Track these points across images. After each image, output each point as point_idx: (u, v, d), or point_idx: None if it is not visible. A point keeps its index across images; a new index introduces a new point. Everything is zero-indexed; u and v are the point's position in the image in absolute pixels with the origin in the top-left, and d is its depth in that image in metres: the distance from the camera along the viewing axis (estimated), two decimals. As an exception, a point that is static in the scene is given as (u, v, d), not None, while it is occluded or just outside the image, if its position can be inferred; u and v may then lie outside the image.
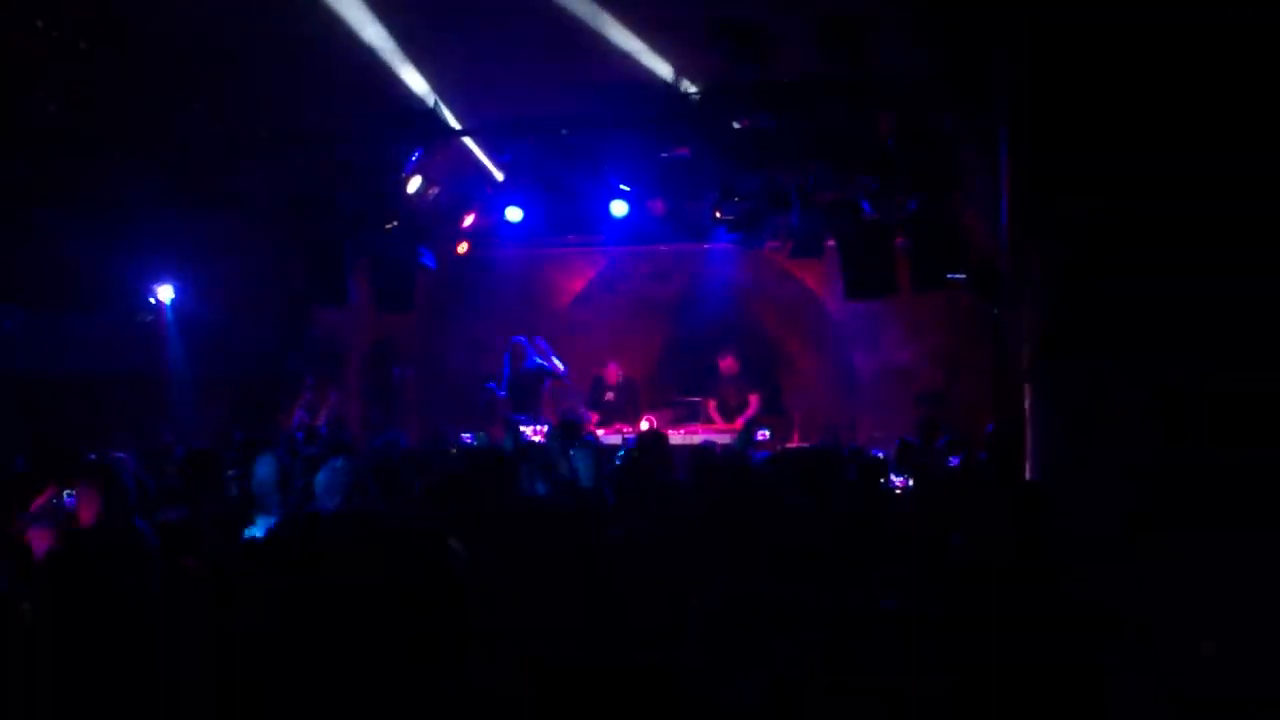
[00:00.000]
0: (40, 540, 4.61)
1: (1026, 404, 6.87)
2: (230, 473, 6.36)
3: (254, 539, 4.52)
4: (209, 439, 8.70)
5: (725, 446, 8.56)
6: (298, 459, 6.56)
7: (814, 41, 7.49)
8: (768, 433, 9.84)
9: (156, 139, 8.36)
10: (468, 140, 10.57)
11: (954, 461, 7.74)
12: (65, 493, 5.21)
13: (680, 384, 14.62)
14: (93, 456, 6.12)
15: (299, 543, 2.90)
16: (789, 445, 10.53)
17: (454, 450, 7.73)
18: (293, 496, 5.30)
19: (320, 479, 4.99)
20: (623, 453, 6.86)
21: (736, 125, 8.76)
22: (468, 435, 8.65)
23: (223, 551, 4.23)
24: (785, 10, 7.53)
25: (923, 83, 7.21)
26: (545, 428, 5.72)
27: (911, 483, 4.95)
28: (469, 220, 12.03)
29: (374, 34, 8.10)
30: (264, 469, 5.31)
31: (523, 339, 11.95)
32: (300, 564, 2.71)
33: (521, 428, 5.87)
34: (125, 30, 7.15)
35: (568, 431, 8.25)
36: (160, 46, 7.34)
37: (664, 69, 8.82)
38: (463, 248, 12.58)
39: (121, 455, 6.56)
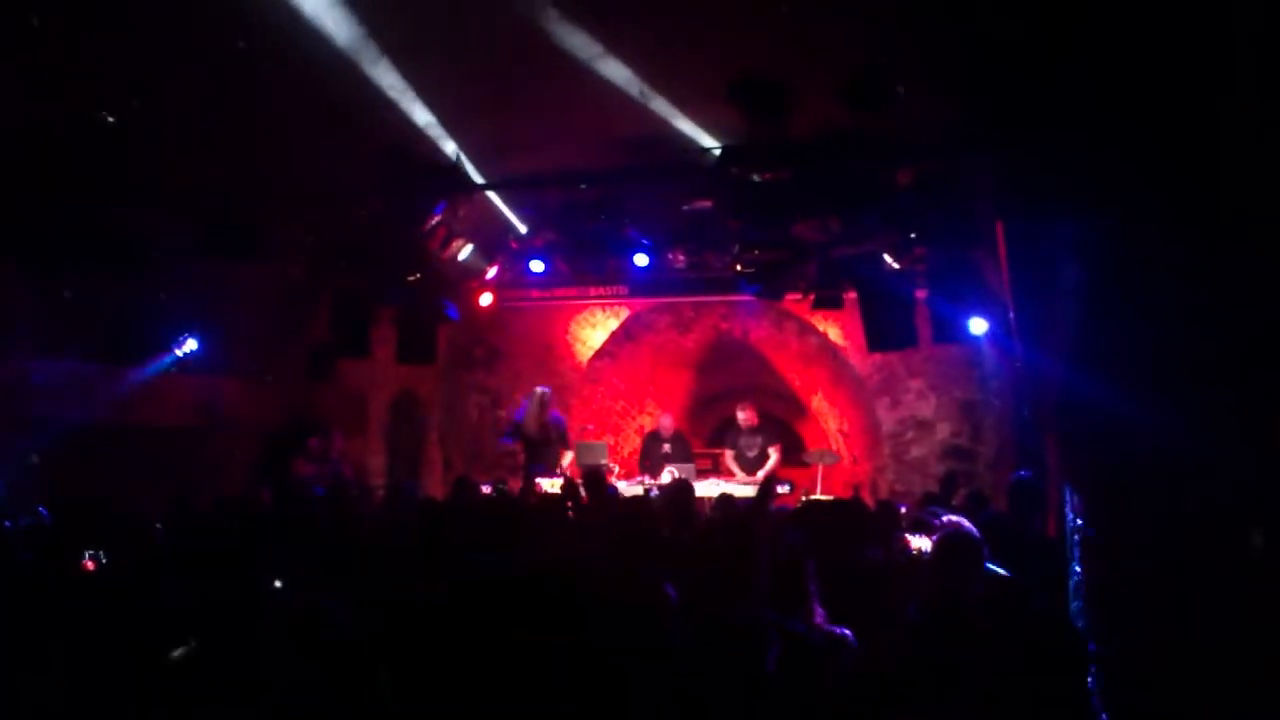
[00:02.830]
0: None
1: (1049, 458, 6.81)
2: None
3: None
4: (238, 492, 8.77)
5: (743, 499, 8.53)
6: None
7: (833, 96, 7.55)
8: (788, 487, 9.77)
9: (185, 193, 8.50)
10: (491, 194, 10.69)
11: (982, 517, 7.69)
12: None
13: (703, 436, 14.62)
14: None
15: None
16: (812, 498, 10.47)
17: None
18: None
19: None
20: None
21: (756, 178, 8.80)
22: (486, 486, 8.66)
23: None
24: (804, 66, 7.60)
25: (941, 135, 7.26)
26: (562, 480, 5.68)
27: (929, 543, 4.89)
28: (492, 272, 12.13)
29: (398, 90, 8.24)
30: None
31: (548, 389, 11.89)
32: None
33: (537, 479, 5.81)
34: (158, 88, 7.30)
35: (593, 483, 8.24)
36: (188, 103, 7.48)
37: (684, 124, 8.91)
38: (486, 299, 12.68)
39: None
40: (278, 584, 4.71)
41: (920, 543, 4.54)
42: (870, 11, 6.39)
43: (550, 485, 5.66)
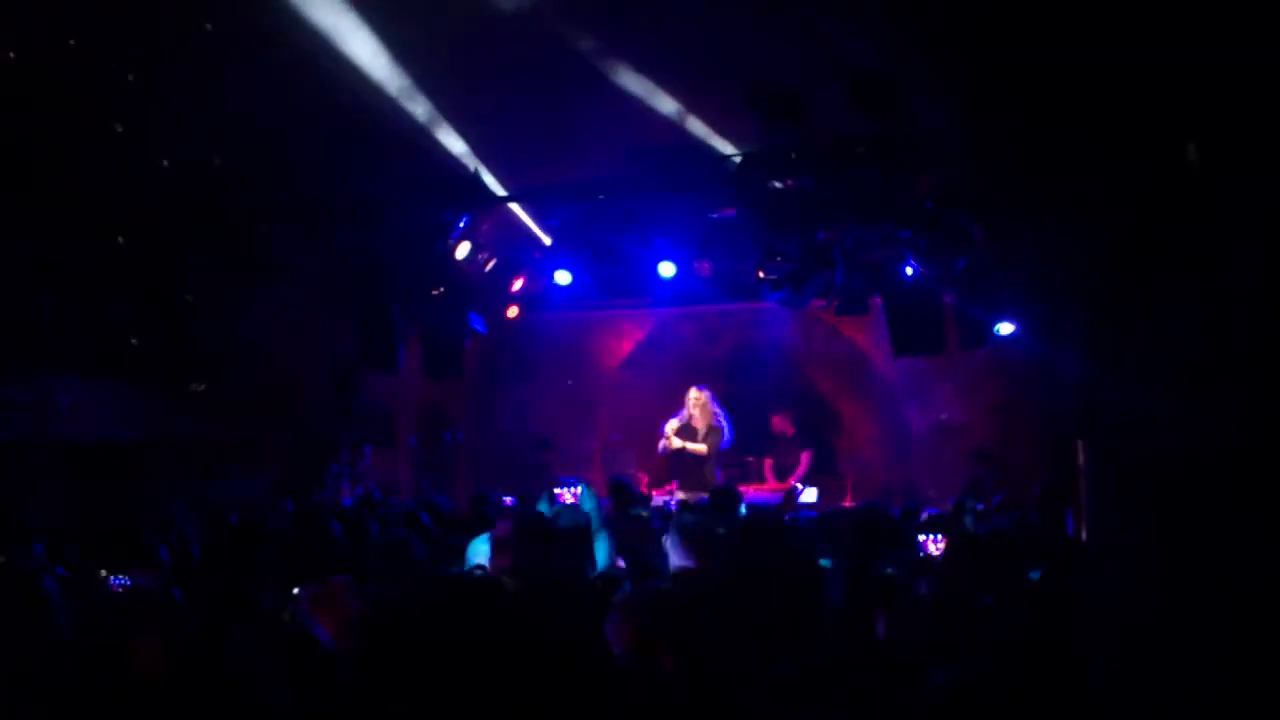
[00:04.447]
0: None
1: (1079, 461, 6.73)
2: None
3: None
4: (260, 507, 8.83)
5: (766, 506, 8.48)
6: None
7: (851, 102, 7.53)
8: (814, 494, 9.70)
9: (205, 211, 8.57)
10: (515, 205, 10.71)
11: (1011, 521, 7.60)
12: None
13: (733, 444, 14.56)
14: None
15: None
16: (841, 505, 10.41)
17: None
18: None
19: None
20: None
21: (778, 185, 8.77)
22: (509, 498, 8.64)
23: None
24: (822, 73, 7.58)
25: (959, 140, 7.21)
26: (580, 488, 5.65)
27: (943, 544, 4.83)
28: (518, 284, 12.15)
29: (417, 103, 8.30)
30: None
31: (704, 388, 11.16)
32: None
33: (556, 490, 5.78)
34: (170, 105, 7.37)
35: (620, 495, 8.20)
36: (206, 121, 7.55)
37: (704, 132, 8.92)
38: (512, 312, 12.69)
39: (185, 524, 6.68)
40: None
41: (936, 546, 4.50)
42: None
43: (569, 495, 5.63)
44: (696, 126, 8.93)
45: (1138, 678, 3.53)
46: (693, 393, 10.95)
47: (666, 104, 8.63)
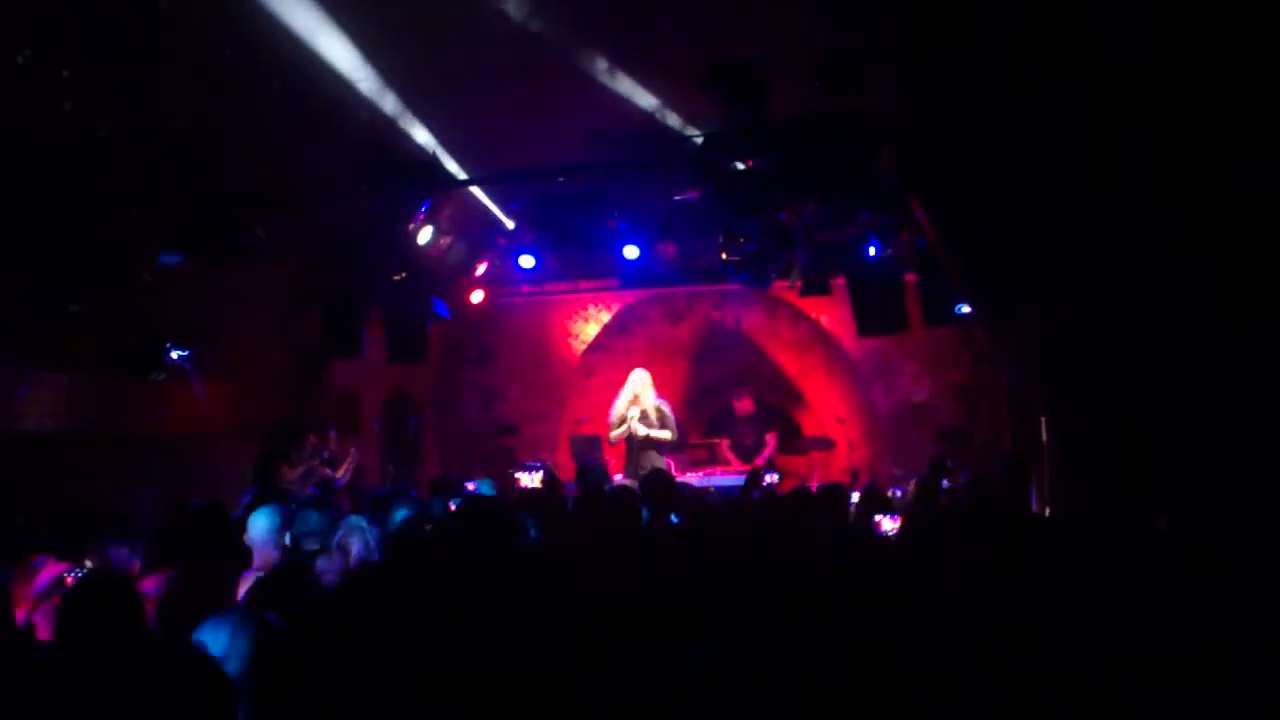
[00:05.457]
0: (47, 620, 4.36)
1: (1044, 438, 6.77)
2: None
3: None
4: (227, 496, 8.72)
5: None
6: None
7: (812, 80, 7.49)
8: (776, 476, 9.71)
9: (171, 200, 8.44)
10: (477, 190, 10.63)
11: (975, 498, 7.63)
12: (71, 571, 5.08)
13: (699, 426, 14.60)
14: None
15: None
16: (805, 486, 10.41)
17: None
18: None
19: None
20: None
21: (739, 166, 8.74)
22: (471, 484, 8.60)
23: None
24: (781, 51, 7.55)
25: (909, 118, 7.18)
26: (543, 473, 5.58)
27: (898, 523, 4.83)
28: (481, 269, 12.08)
29: (376, 88, 8.20)
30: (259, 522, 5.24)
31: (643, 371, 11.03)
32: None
33: (517, 474, 5.71)
34: (136, 92, 7.25)
35: (584, 479, 8.18)
36: (170, 108, 7.44)
37: (664, 113, 8.87)
38: (476, 296, 12.63)
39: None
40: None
41: (889, 524, 4.50)
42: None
43: (530, 479, 5.55)
44: (657, 108, 8.88)
45: (1102, 650, 3.55)
46: (641, 375, 10.97)
47: (626, 86, 8.58)
